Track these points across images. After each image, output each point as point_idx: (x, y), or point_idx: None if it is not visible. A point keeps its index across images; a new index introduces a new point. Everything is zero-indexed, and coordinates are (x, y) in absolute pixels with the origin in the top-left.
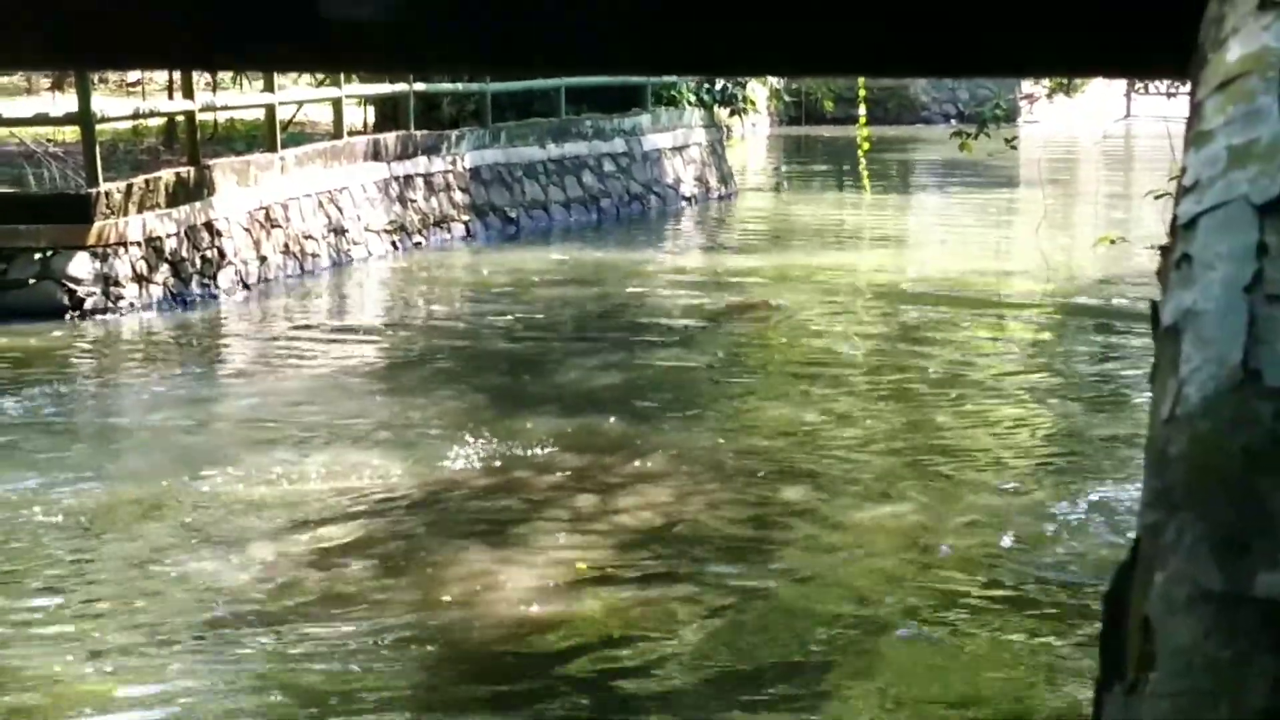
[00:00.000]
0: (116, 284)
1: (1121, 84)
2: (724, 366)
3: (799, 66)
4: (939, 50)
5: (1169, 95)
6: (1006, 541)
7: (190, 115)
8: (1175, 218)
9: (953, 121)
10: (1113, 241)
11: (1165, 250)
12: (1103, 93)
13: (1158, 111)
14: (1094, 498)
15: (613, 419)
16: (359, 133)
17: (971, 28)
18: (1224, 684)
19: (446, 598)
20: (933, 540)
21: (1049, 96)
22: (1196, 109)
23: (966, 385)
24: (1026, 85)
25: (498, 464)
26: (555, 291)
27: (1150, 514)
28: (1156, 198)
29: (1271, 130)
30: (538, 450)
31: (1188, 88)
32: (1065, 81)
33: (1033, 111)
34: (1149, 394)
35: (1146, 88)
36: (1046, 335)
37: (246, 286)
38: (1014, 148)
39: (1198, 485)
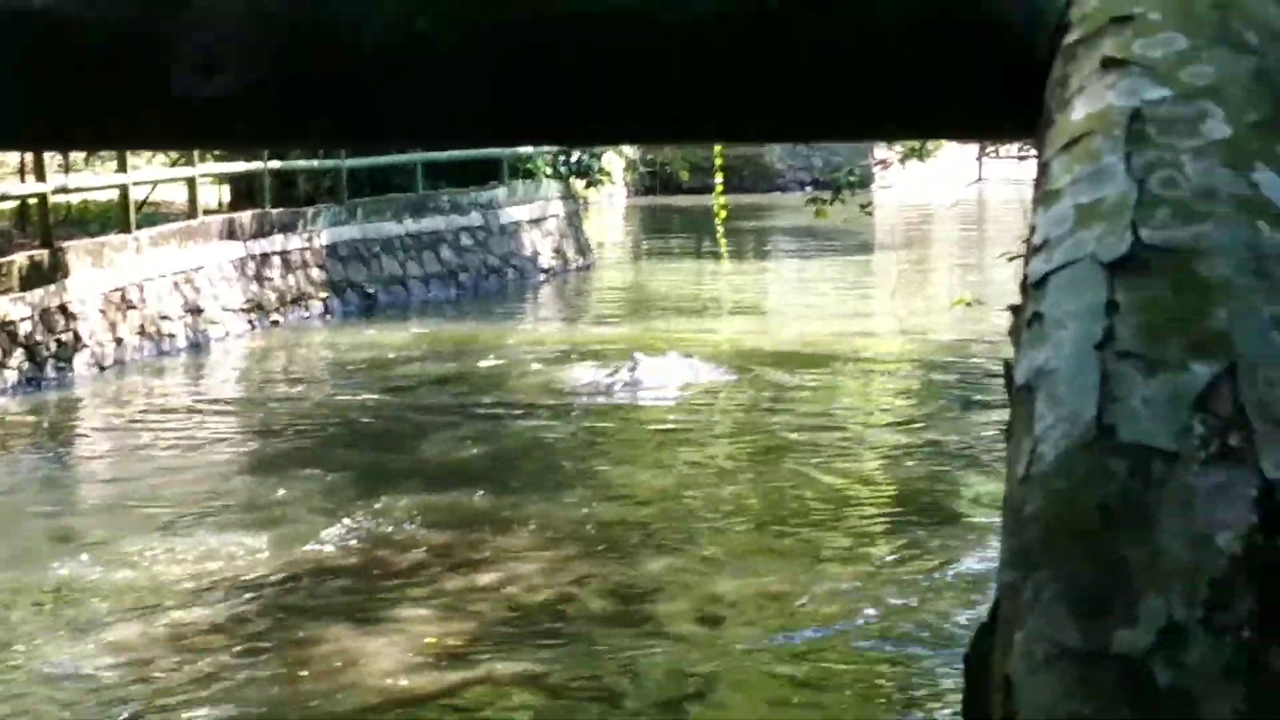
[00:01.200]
0: None
1: (974, 148)
2: (586, 437)
3: (660, 135)
4: (798, 116)
5: (1020, 158)
6: (870, 611)
7: (43, 198)
8: (1026, 277)
9: (808, 188)
10: (968, 303)
11: (1017, 309)
12: (955, 156)
13: (1009, 174)
14: (957, 564)
15: (477, 493)
16: (214, 211)
17: (828, 93)
18: None
19: (307, 677)
20: (798, 610)
21: (902, 162)
22: (1044, 169)
23: (829, 449)
24: (880, 151)
25: (361, 542)
26: (415, 367)
27: (1008, 573)
28: (1010, 259)
29: (1118, 189)
30: (401, 527)
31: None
32: (917, 147)
33: (887, 177)
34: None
35: (998, 151)
36: (907, 397)
37: (103, 368)
38: (869, 213)
39: (1054, 544)
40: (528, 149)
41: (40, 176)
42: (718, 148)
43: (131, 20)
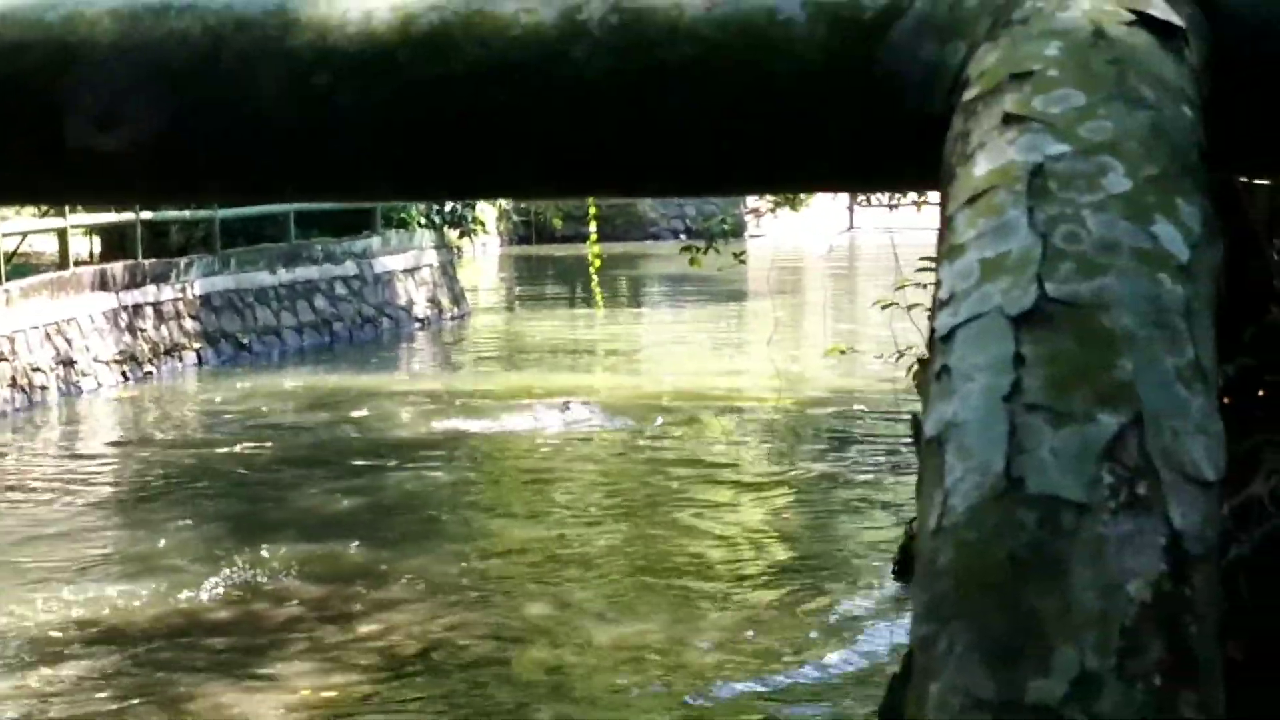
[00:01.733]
0: None
1: (845, 197)
2: (462, 487)
3: (558, 189)
4: (695, 170)
5: (890, 207)
6: (746, 659)
7: None
8: (933, 331)
9: (682, 237)
10: (842, 351)
11: (924, 363)
12: (827, 206)
13: (880, 223)
14: (834, 610)
15: (353, 544)
16: (85, 263)
17: (724, 147)
18: None
19: None
20: (674, 661)
21: (773, 210)
22: (948, 223)
23: (705, 496)
24: (752, 200)
25: (237, 594)
26: (290, 417)
27: (922, 626)
28: (883, 308)
29: (1021, 243)
30: (277, 579)
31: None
32: (790, 196)
33: (760, 225)
34: (884, 499)
35: (869, 200)
36: (781, 444)
37: None
38: (743, 262)
39: (966, 595)
40: (424, 201)
41: None
42: (591, 198)
43: (26, 73)
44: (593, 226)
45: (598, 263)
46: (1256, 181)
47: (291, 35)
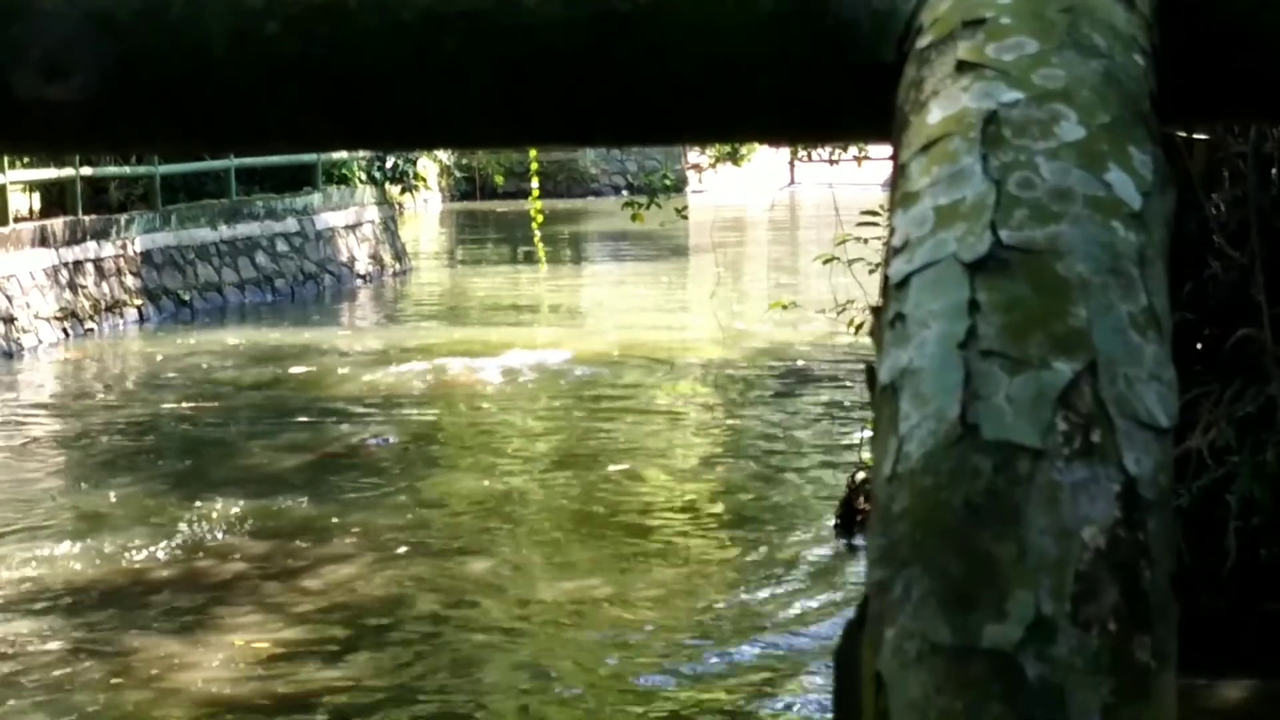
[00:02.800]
0: None
1: (786, 152)
2: (407, 442)
3: (508, 138)
4: (645, 119)
5: (831, 162)
6: (691, 613)
7: None
8: (887, 278)
9: (624, 193)
10: (785, 306)
11: (877, 310)
12: (768, 161)
13: (821, 178)
14: (775, 564)
15: (298, 500)
16: (25, 219)
17: (674, 96)
18: None
19: (129, 686)
20: (621, 614)
21: (714, 166)
22: (901, 170)
23: (649, 452)
24: (693, 155)
25: (182, 550)
26: (232, 374)
27: (877, 571)
28: (824, 263)
29: (976, 190)
30: (223, 535)
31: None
32: (732, 150)
33: (701, 181)
34: (827, 453)
35: (810, 155)
36: (725, 399)
37: None
38: (685, 217)
39: (922, 541)
40: (341, 154)
41: None
42: (533, 152)
43: None
44: (534, 182)
45: (540, 218)
46: (1195, 136)
47: None
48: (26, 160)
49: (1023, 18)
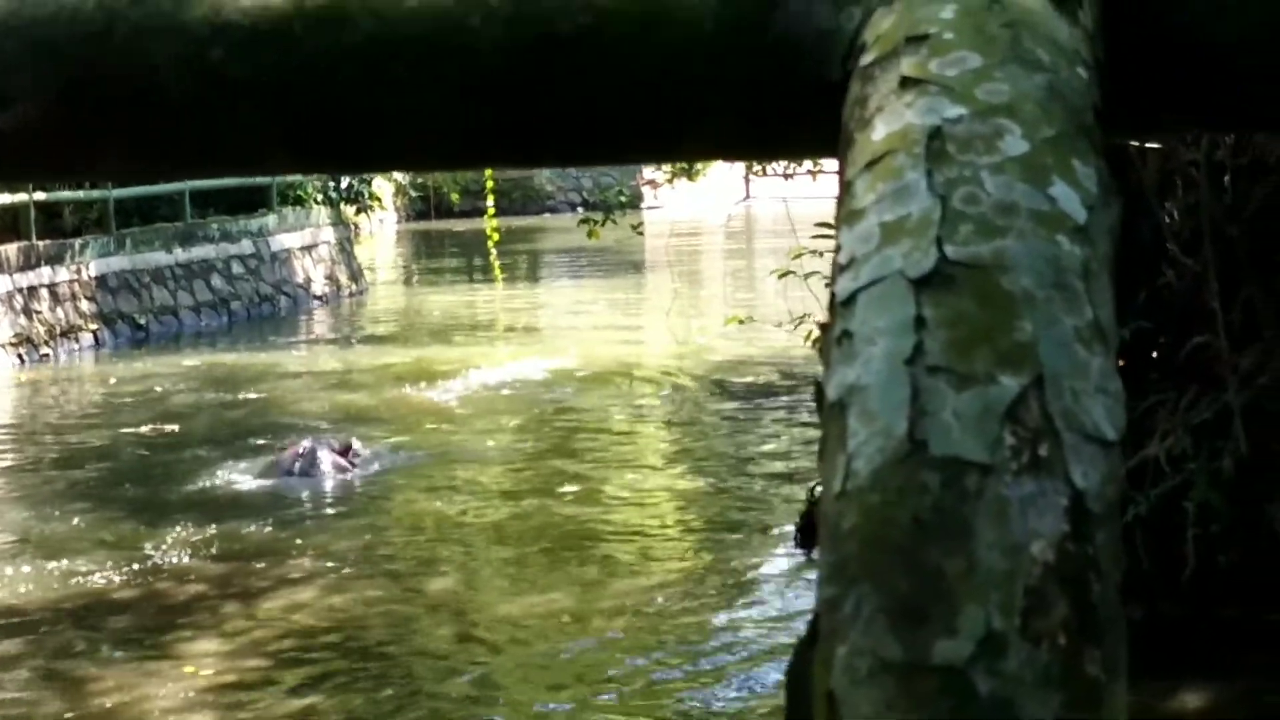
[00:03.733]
0: None
1: (741, 167)
2: (366, 462)
3: (456, 159)
4: (594, 139)
5: (786, 176)
6: (654, 628)
7: None
8: (833, 295)
9: (579, 209)
10: (741, 321)
11: (825, 327)
12: (723, 176)
13: (776, 192)
14: (736, 579)
15: (255, 523)
16: None
17: (622, 115)
18: None
19: (86, 715)
20: (582, 630)
21: (670, 181)
22: (847, 187)
23: (609, 468)
24: (648, 171)
25: (140, 575)
26: (190, 397)
27: (827, 588)
28: (780, 277)
29: (921, 206)
30: (180, 559)
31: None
32: (687, 166)
33: (656, 197)
34: (787, 466)
35: (765, 169)
36: (685, 415)
37: None
38: (640, 233)
39: (872, 558)
40: (296, 175)
41: None
42: (489, 170)
43: None
44: (490, 201)
45: (495, 236)
46: (1148, 145)
47: (185, 9)
48: None
49: (965, 33)
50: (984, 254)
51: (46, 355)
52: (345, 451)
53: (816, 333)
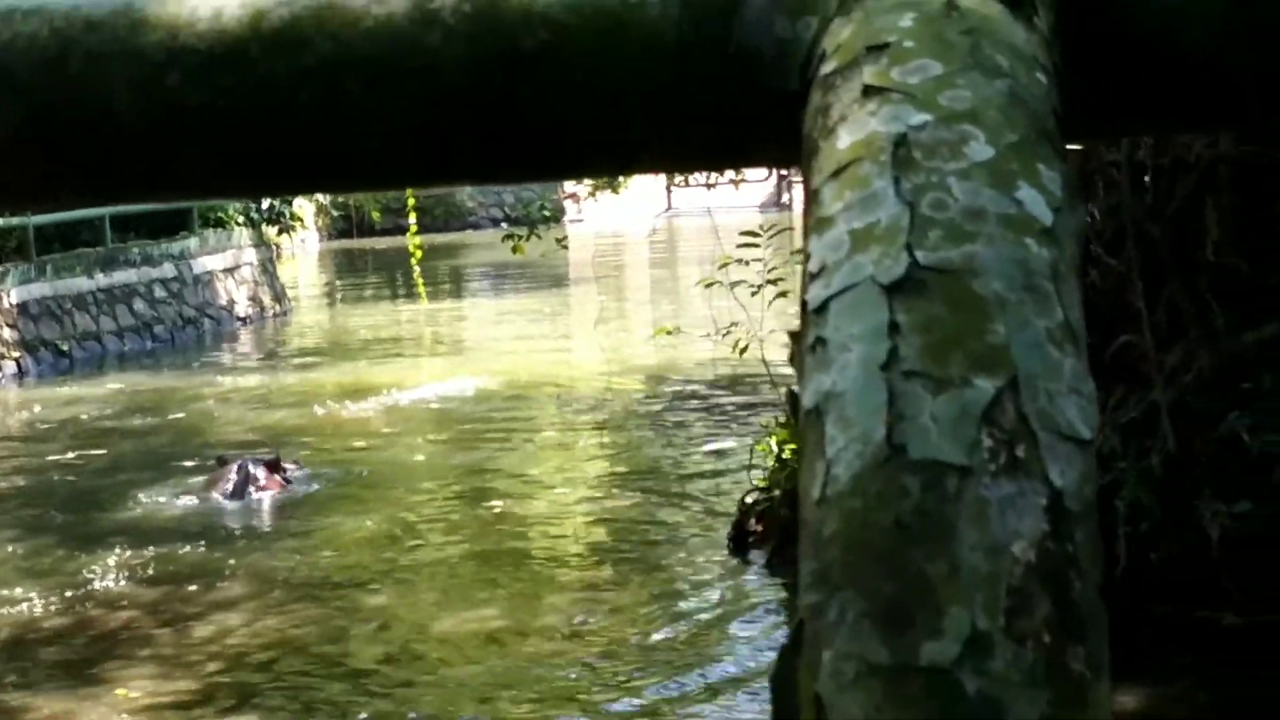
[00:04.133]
0: None
1: (663, 178)
2: (297, 482)
3: (408, 178)
4: (553, 154)
5: (708, 187)
6: (589, 641)
7: None
8: (805, 303)
9: (502, 225)
10: (669, 332)
11: (796, 336)
12: (645, 188)
13: (699, 203)
14: (668, 587)
15: (186, 547)
16: None
17: (581, 129)
18: None
19: None
20: (515, 646)
21: (592, 194)
22: (814, 196)
23: (539, 483)
24: (569, 185)
25: (70, 602)
26: (116, 423)
27: (811, 594)
28: (706, 287)
29: (890, 212)
30: (111, 585)
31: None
32: (611, 179)
33: (580, 210)
34: (717, 475)
35: (687, 180)
36: (613, 426)
37: None
38: (565, 247)
39: (855, 563)
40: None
41: None
42: (410, 189)
43: None
44: (412, 218)
45: (419, 254)
46: (1068, 146)
47: (141, 35)
48: None
49: (925, 41)
50: (954, 259)
51: None
52: (276, 469)
53: (744, 342)
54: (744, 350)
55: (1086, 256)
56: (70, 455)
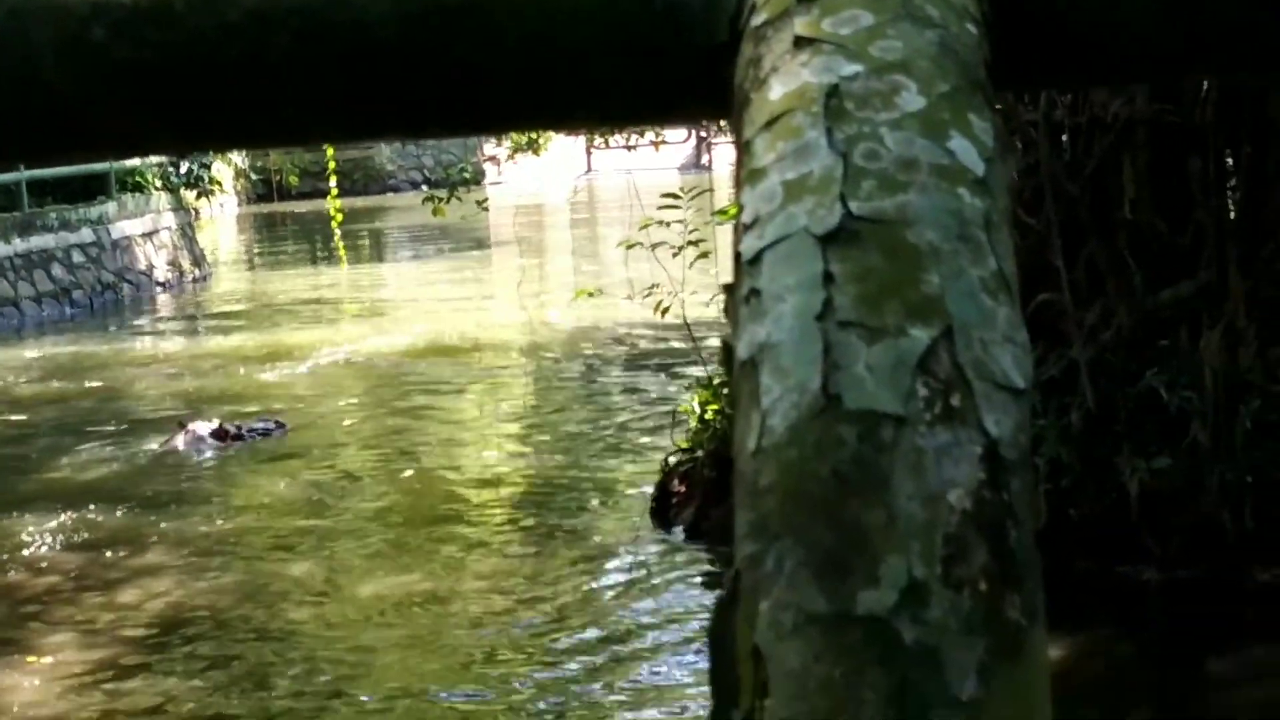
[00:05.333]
0: None
1: (583, 140)
2: (213, 450)
3: (342, 133)
4: (482, 108)
5: (628, 148)
6: (512, 605)
7: None
8: (738, 255)
9: (422, 187)
10: (591, 294)
11: (730, 288)
12: (565, 149)
13: (619, 164)
14: (590, 552)
15: (107, 513)
16: None
17: (511, 83)
18: (839, 702)
19: None
20: (439, 610)
21: (512, 156)
22: (746, 147)
23: (462, 446)
24: (489, 147)
25: None
26: (34, 389)
27: (748, 545)
28: (628, 248)
29: (823, 163)
30: (31, 551)
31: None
32: (530, 140)
33: (500, 172)
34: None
35: (607, 142)
36: (535, 389)
37: None
38: (485, 209)
39: (792, 513)
40: (134, 161)
41: None
42: (330, 150)
43: None
44: (333, 181)
45: (339, 217)
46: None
47: None
48: None
49: None
50: (888, 209)
51: None
52: (221, 435)
53: (666, 303)
54: (665, 311)
55: None
56: None
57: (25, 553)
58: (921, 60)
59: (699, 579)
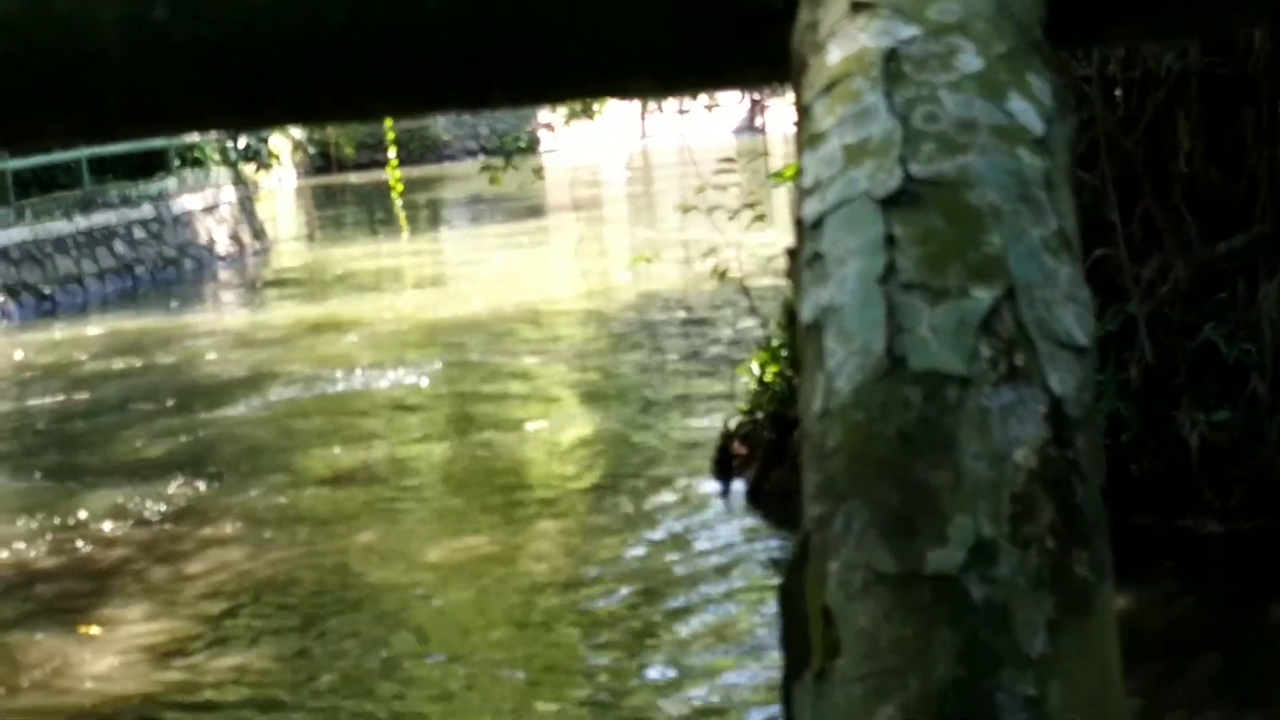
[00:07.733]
0: None
1: (637, 106)
2: (283, 419)
3: (403, 107)
4: (541, 78)
5: (682, 113)
6: (578, 566)
7: None
8: (800, 219)
9: (480, 156)
10: (648, 259)
11: (792, 252)
12: (619, 116)
13: (673, 129)
14: (656, 511)
15: (176, 486)
16: None
17: (560, 53)
18: (910, 660)
19: (18, 688)
20: (507, 572)
21: (567, 123)
22: (805, 112)
23: (526, 412)
24: (545, 115)
25: (63, 543)
26: (100, 365)
27: (816, 506)
28: (684, 212)
29: (882, 127)
30: (103, 525)
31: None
32: (586, 106)
33: (553, 140)
34: (702, 400)
35: (660, 108)
36: (596, 353)
37: None
38: (542, 178)
39: (859, 474)
40: (193, 137)
41: None
42: (389, 121)
43: None
44: (391, 151)
45: (400, 187)
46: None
47: None
48: None
49: None
50: (948, 171)
51: None
52: None
53: (722, 266)
54: (724, 274)
55: None
56: (56, 398)
57: (96, 527)
58: (978, 22)
59: (760, 539)
